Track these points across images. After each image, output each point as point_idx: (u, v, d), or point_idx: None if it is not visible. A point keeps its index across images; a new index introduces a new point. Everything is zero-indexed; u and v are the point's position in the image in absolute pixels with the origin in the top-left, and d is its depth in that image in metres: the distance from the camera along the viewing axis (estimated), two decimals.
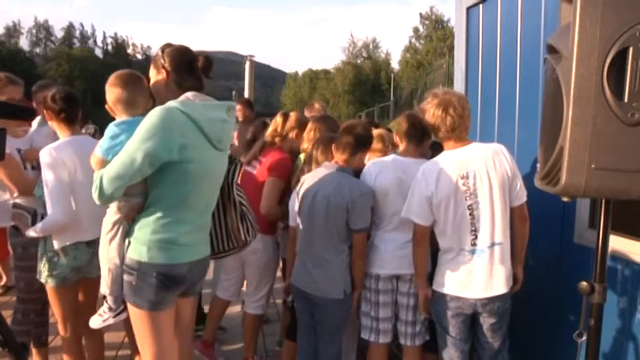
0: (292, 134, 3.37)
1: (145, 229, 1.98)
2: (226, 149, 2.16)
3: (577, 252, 2.65)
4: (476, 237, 2.37)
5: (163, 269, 1.98)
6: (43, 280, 2.57)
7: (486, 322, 2.44)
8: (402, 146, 2.78)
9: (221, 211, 2.31)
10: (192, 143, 1.93)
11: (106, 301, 2.17)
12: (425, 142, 2.77)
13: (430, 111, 2.44)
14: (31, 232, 2.50)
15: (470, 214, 2.37)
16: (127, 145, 1.90)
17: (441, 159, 2.45)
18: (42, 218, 2.53)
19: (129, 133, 1.94)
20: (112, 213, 2.07)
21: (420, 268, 2.54)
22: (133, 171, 1.88)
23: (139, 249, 1.98)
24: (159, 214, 1.97)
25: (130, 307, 2.06)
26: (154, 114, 1.88)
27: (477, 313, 2.43)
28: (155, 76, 2.10)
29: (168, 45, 2.12)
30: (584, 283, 1.75)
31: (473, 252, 2.38)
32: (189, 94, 2.02)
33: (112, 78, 2.12)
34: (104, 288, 2.11)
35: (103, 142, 2.02)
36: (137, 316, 2.04)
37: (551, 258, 2.82)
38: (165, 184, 1.96)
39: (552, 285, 2.78)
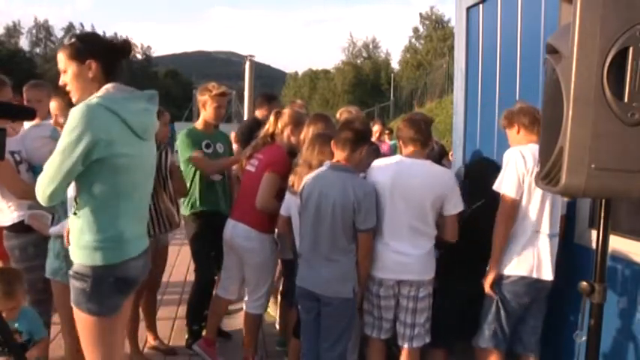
0: (287, 131, 3.27)
1: (89, 231, 1.93)
2: (152, 138, 2.11)
3: (577, 252, 2.65)
4: (554, 223, 2.58)
5: (120, 272, 1.95)
6: (59, 278, 2.50)
7: (540, 304, 2.66)
8: (406, 150, 2.74)
9: (154, 197, 2.38)
10: (118, 138, 1.88)
11: None
12: (429, 144, 2.76)
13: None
14: (55, 230, 2.48)
15: (551, 200, 2.55)
16: (57, 148, 1.85)
17: (531, 146, 2.57)
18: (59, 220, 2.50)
19: None
20: None
21: (501, 245, 2.59)
22: (67, 173, 1.84)
23: (88, 253, 1.92)
24: (98, 213, 1.92)
25: (78, 314, 1.99)
26: (77, 113, 1.82)
27: (540, 296, 2.64)
28: (77, 67, 1.94)
29: (80, 34, 2.00)
30: (584, 283, 1.74)
31: (552, 236, 2.57)
32: (109, 87, 1.94)
33: None
34: None
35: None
36: (87, 323, 1.97)
37: None
38: (98, 182, 1.91)
39: (552, 285, 2.77)
